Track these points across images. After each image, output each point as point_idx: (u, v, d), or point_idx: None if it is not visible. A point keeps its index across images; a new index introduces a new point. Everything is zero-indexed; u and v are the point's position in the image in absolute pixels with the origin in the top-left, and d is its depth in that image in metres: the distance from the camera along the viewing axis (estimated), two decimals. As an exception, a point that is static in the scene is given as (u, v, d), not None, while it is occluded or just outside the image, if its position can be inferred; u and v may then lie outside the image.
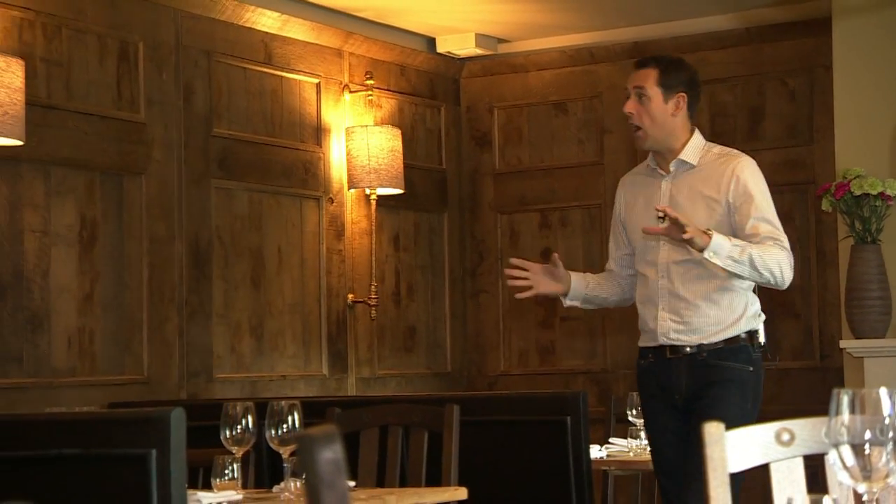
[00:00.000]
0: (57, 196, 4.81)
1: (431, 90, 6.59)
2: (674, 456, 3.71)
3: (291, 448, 3.05)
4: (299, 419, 3.07)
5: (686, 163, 3.74)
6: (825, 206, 5.40)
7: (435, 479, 3.48)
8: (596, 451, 4.29)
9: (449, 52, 6.56)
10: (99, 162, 4.95)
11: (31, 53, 4.71)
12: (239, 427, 3.10)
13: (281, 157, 5.73)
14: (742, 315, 3.68)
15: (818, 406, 2.37)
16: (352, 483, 3.00)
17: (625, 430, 4.52)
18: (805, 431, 1.81)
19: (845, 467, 1.50)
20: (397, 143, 5.96)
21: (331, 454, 1.27)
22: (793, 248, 5.98)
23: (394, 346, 6.27)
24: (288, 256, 5.76)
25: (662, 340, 3.69)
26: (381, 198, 6.07)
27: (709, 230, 3.53)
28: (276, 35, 5.74)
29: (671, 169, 3.75)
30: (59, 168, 4.82)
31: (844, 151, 5.50)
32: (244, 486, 3.19)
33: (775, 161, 6.09)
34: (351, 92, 6.09)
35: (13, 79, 4.36)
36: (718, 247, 3.50)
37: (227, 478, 3.08)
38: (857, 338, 5.33)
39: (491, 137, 6.71)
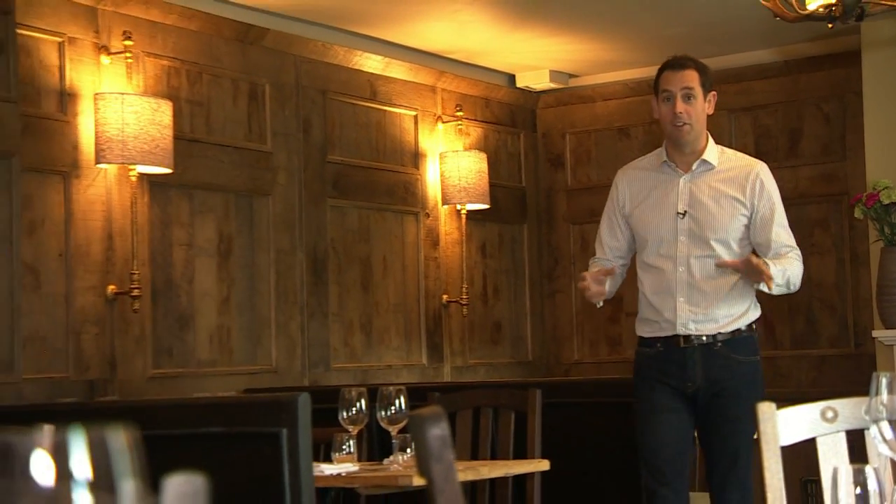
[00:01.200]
0: (199, 215, 4.89)
1: (512, 119, 6.59)
2: (672, 457, 3.35)
3: (399, 426, 3.06)
4: (405, 402, 3.08)
5: (708, 163, 3.45)
6: (857, 213, 5.31)
7: (521, 453, 3.48)
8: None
9: (527, 87, 6.56)
10: (233, 186, 5.03)
11: (178, 96, 4.80)
12: (354, 409, 3.12)
13: (385, 179, 5.76)
14: (749, 307, 3.41)
15: (853, 387, 2.33)
16: (451, 456, 3.01)
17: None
18: (847, 409, 1.78)
19: (884, 440, 1.47)
20: (483, 166, 5.97)
21: (438, 431, 1.27)
22: (829, 252, 6.01)
23: (482, 339, 6.26)
24: (392, 263, 5.79)
25: (680, 330, 3.37)
26: (470, 212, 6.08)
27: (766, 264, 3.23)
28: (379, 75, 5.78)
29: (693, 168, 3.46)
30: (200, 191, 4.89)
31: (874, 166, 5.40)
32: (359, 460, 3.21)
33: (813, 175, 6.00)
34: (443, 122, 6.10)
35: (163, 117, 4.44)
36: (776, 277, 3.25)
37: (344, 452, 3.11)
38: (886, 328, 5.23)
39: (564, 159, 6.68)
